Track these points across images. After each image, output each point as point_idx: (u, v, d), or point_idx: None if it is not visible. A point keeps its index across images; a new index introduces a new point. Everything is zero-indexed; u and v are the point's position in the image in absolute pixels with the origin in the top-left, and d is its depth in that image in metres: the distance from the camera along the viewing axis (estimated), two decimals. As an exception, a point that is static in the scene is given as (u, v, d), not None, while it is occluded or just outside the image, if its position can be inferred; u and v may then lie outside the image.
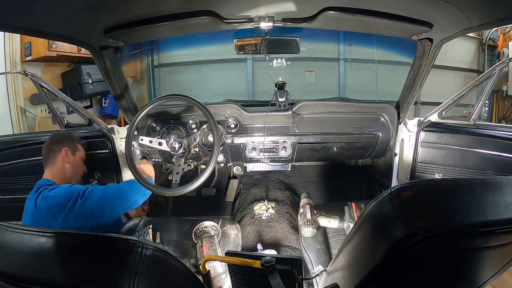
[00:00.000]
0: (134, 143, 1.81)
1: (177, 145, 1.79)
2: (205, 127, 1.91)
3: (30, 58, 2.99)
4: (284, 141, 2.12)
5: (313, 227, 1.71)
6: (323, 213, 1.76)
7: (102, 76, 1.88)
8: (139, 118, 1.76)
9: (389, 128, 2.13)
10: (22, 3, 1.09)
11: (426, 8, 1.40)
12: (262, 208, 2.50)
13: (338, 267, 0.91)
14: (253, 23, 1.61)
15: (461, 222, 0.57)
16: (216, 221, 1.73)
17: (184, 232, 1.72)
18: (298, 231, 1.82)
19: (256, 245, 2.12)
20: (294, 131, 2.11)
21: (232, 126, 2.09)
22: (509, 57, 4.27)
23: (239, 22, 1.60)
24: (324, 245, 1.69)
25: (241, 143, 2.12)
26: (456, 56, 4.72)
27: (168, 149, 1.80)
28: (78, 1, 1.20)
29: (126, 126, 2.03)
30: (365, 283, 0.67)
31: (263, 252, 1.95)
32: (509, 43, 4.64)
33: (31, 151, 1.96)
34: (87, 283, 0.54)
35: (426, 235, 0.56)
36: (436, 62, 1.83)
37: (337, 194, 2.79)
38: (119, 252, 0.58)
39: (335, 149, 2.17)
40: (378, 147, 2.18)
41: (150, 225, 1.71)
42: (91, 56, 1.76)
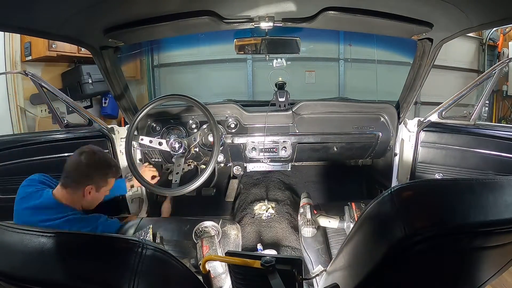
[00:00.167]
0: (134, 143, 1.81)
1: (177, 145, 1.79)
2: (205, 127, 1.91)
3: (30, 58, 2.98)
4: (284, 141, 2.12)
5: (313, 227, 1.70)
6: (323, 213, 1.76)
7: (102, 76, 1.88)
8: (139, 118, 1.76)
9: (389, 128, 2.13)
10: (22, 3, 1.09)
11: (426, 8, 1.40)
12: (262, 208, 2.50)
13: (338, 267, 0.91)
14: (253, 23, 1.60)
15: (461, 222, 0.57)
16: (216, 221, 1.73)
17: (184, 232, 1.72)
18: (298, 231, 1.82)
19: (256, 245, 2.12)
20: (294, 131, 2.11)
21: (232, 126, 2.09)
22: (509, 57, 4.27)
23: (239, 22, 1.60)
24: (324, 245, 1.68)
25: (241, 143, 2.12)
26: (456, 56, 4.71)
27: (168, 149, 1.80)
28: (78, 1, 1.20)
29: (126, 126, 2.03)
30: (365, 283, 0.67)
31: (263, 252, 1.95)
32: (509, 43, 4.64)
33: (31, 151, 1.95)
34: (87, 283, 0.54)
35: (426, 235, 0.56)
36: (436, 62, 1.83)
37: (337, 194, 2.79)
38: (119, 252, 0.58)
39: (335, 149, 2.17)
40: (378, 147, 2.18)
41: (150, 225, 1.71)
42: (91, 56, 1.75)
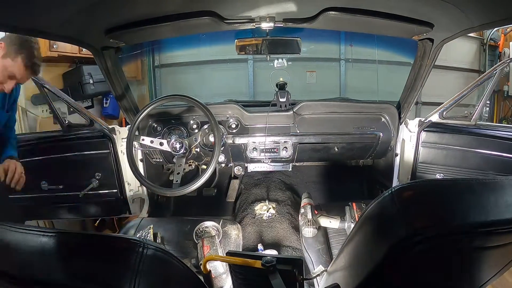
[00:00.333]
0: (135, 143, 1.81)
1: (178, 145, 1.79)
2: (206, 127, 1.91)
3: (31, 59, 2.98)
4: (285, 142, 2.12)
5: (314, 227, 1.71)
6: (324, 213, 1.76)
7: (103, 77, 1.88)
8: (140, 118, 1.76)
9: (390, 129, 2.13)
10: (23, 3, 1.09)
11: (427, 8, 1.40)
12: (263, 208, 2.50)
13: (339, 267, 0.91)
14: (254, 24, 1.61)
15: (462, 222, 0.57)
16: (217, 221, 1.73)
17: (185, 232, 1.72)
18: (299, 231, 1.82)
19: (257, 245, 2.12)
20: (295, 132, 2.11)
21: (233, 127, 2.09)
22: (510, 57, 4.26)
23: (240, 23, 1.60)
24: (325, 245, 1.68)
25: (242, 144, 2.12)
26: (457, 56, 4.70)
27: (169, 149, 1.80)
28: (79, 1, 1.20)
29: (127, 126, 2.03)
30: (366, 283, 0.67)
31: (264, 252, 1.95)
32: (510, 43, 4.62)
33: (33, 151, 1.96)
34: (88, 283, 0.54)
35: (427, 235, 0.56)
36: (437, 62, 1.83)
37: (338, 194, 2.79)
38: (120, 252, 0.58)
39: (336, 150, 2.17)
40: (379, 147, 2.18)
41: (151, 225, 1.71)
42: (92, 57, 1.76)
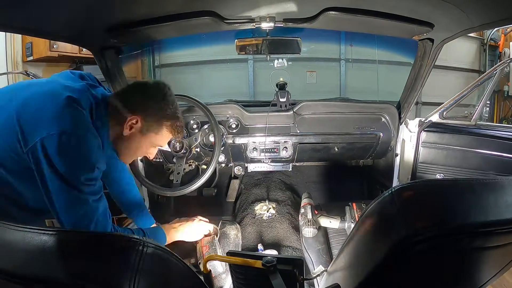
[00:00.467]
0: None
1: (178, 145, 1.79)
2: (206, 127, 1.91)
3: (32, 59, 2.98)
4: (285, 142, 2.12)
5: (314, 227, 1.70)
6: (324, 213, 1.76)
7: (104, 77, 1.88)
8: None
9: (390, 129, 2.13)
10: (23, 3, 1.09)
11: (427, 8, 1.40)
12: (263, 208, 2.50)
13: (339, 267, 0.91)
14: (254, 24, 1.61)
15: (462, 222, 0.57)
16: (216, 222, 1.73)
17: (185, 232, 1.72)
18: (299, 231, 1.82)
19: (257, 245, 2.12)
20: (295, 132, 2.11)
21: (233, 126, 2.09)
22: (510, 57, 4.26)
23: (240, 23, 1.60)
24: (325, 245, 1.68)
25: (242, 143, 2.12)
26: (457, 56, 4.71)
27: (169, 149, 1.80)
28: (79, 1, 1.21)
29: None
30: (366, 283, 0.67)
31: (264, 252, 1.95)
32: (510, 43, 4.64)
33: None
34: (88, 281, 0.54)
35: (427, 235, 0.56)
36: (437, 62, 1.83)
37: (338, 194, 2.78)
38: (120, 250, 0.58)
39: (336, 150, 2.17)
40: (379, 148, 2.18)
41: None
42: (93, 57, 1.76)
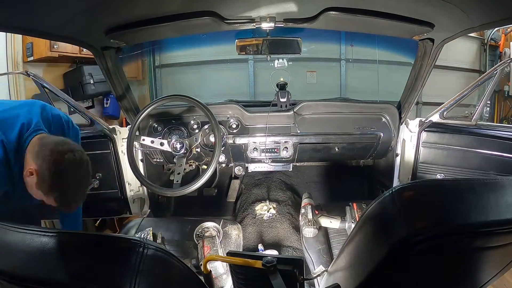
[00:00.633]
0: (136, 144, 1.81)
1: (179, 146, 1.79)
2: (207, 128, 1.91)
3: (32, 59, 2.97)
4: (286, 142, 2.12)
5: (315, 227, 1.70)
6: (325, 214, 1.76)
7: (104, 77, 1.88)
8: (141, 119, 1.76)
9: (391, 129, 2.13)
10: (24, 4, 1.09)
11: (428, 8, 1.39)
12: (264, 209, 2.50)
13: (340, 268, 0.91)
14: (255, 24, 1.61)
15: (462, 223, 0.57)
16: (217, 222, 1.73)
17: (185, 233, 1.72)
18: (300, 232, 1.82)
19: (258, 246, 2.12)
20: (296, 132, 2.11)
21: (234, 127, 2.09)
22: (511, 57, 4.26)
23: (241, 23, 1.60)
24: (326, 246, 1.68)
25: (243, 144, 2.12)
26: (458, 56, 4.70)
27: (170, 150, 1.80)
28: (80, 2, 1.21)
29: (128, 127, 2.03)
30: (367, 283, 0.67)
31: (265, 253, 1.95)
32: (511, 43, 4.62)
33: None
34: (89, 282, 0.54)
35: (427, 235, 0.56)
36: (438, 62, 1.83)
37: (339, 195, 2.79)
38: (121, 252, 0.58)
39: (337, 150, 2.17)
40: (380, 148, 2.18)
41: (151, 226, 1.71)
42: (93, 57, 1.76)
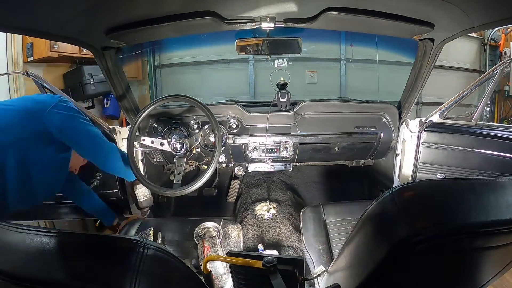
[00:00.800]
0: (136, 144, 1.81)
1: (179, 146, 1.79)
2: (207, 128, 1.91)
3: (32, 59, 2.97)
4: (286, 142, 2.12)
5: None
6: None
7: (104, 77, 1.88)
8: (141, 119, 1.76)
9: (391, 129, 2.13)
10: (24, 4, 1.09)
11: (428, 8, 1.39)
12: (264, 209, 2.50)
13: (340, 268, 0.91)
14: (255, 24, 1.61)
15: (462, 223, 0.57)
16: (218, 222, 1.73)
17: (186, 233, 1.72)
18: (300, 232, 1.82)
19: (258, 246, 2.12)
20: (296, 132, 2.11)
21: (234, 127, 2.09)
22: (511, 57, 4.26)
23: (241, 23, 1.60)
24: (326, 246, 1.68)
25: (243, 144, 2.12)
26: (458, 56, 4.70)
27: (170, 150, 1.80)
28: (80, 2, 1.21)
29: (128, 127, 2.03)
30: (367, 283, 0.67)
31: (265, 253, 1.95)
32: (511, 43, 4.63)
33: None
34: (89, 283, 0.54)
35: (428, 235, 0.56)
36: (438, 62, 1.83)
37: (339, 195, 2.79)
38: (121, 252, 0.58)
39: (337, 150, 2.17)
40: (380, 148, 2.18)
41: (151, 228, 1.71)
42: (93, 57, 1.76)
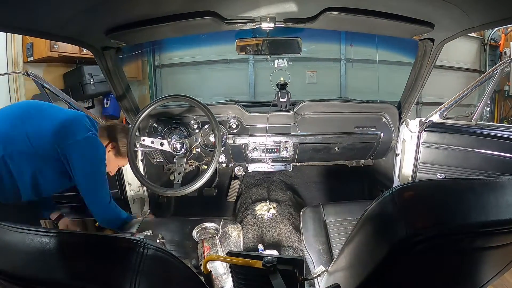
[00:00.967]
0: (136, 144, 1.81)
1: (179, 146, 1.79)
2: (207, 128, 1.91)
3: (32, 59, 2.98)
4: (286, 142, 2.11)
5: None
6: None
7: (104, 77, 1.88)
8: (141, 119, 1.76)
9: (391, 129, 2.13)
10: (24, 4, 1.09)
11: (428, 8, 1.39)
12: (264, 209, 2.50)
13: (340, 268, 0.91)
14: (255, 24, 1.61)
15: (462, 223, 0.57)
16: (217, 222, 1.73)
17: (186, 233, 1.72)
18: (300, 232, 1.82)
19: (258, 246, 2.12)
20: (296, 132, 2.11)
21: (234, 127, 2.09)
22: (511, 57, 4.26)
23: (241, 23, 1.60)
24: (326, 246, 1.68)
25: (243, 144, 2.12)
26: (458, 56, 4.70)
27: (170, 150, 1.80)
28: (80, 2, 1.21)
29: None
30: (367, 283, 0.67)
31: (265, 253, 1.94)
32: (511, 43, 4.63)
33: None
34: (89, 283, 0.54)
35: (427, 235, 0.56)
36: (438, 62, 1.83)
37: (339, 195, 2.78)
38: (121, 252, 0.58)
39: (337, 150, 2.17)
40: (380, 148, 2.18)
41: (150, 231, 1.70)
42: (93, 57, 1.76)
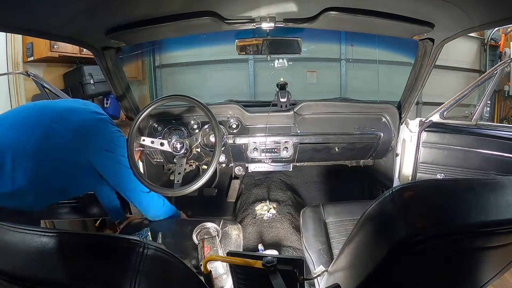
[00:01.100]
0: (136, 144, 1.81)
1: (179, 146, 1.79)
2: (207, 128, 1.91)
3: (32, 59, 2.97)
4: (286, 142, 2.11)
5: None
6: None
7: (104, 77, 1.88)
8: (141, 119, 1.76)
9: (391, 129, 2.13)
10: (24, 4, 1.09)
11: (428, 8, 1.39)
12: (264, 209, 2.50)
13: (340, 268, 0.91)
14: (255, 24, 1.61)
15: (462, 223, 0.57)
16: (218, 222, 1.73)
17: (185, 233, 1.72)
18: (300, 232, 1.82)
19: (258, 246, 2.12)
20: (296, 132, 2.11)
21: (234, 127, 2.09)
22: (511, 57, 4.26)
23: (241, 23, 1.60)
24: (326, 246, 1.68)
25: (243, 144, 2.12)
26: (458, 56, 4.70)
27: (170, 150, 1.80)
28: (80, 2, 1.21)
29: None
30: (367, 283, 0.67)
31: (265, 253, 1.94)
32: (511, 43, 4.63)
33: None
34: (89, 283, 0.54)
35: (427, 235, 0.56)
36: (438, 62, 1.83)
37: (339, 195, 2.78)
38: (121, 252, 0.58)
39: (337, 150, 2.17)
40: (380, 148, 2.18)
41: (148, 228, 1.70)
42: (93, 57, 1.76)
